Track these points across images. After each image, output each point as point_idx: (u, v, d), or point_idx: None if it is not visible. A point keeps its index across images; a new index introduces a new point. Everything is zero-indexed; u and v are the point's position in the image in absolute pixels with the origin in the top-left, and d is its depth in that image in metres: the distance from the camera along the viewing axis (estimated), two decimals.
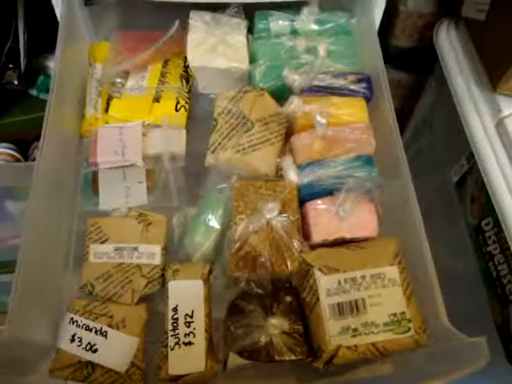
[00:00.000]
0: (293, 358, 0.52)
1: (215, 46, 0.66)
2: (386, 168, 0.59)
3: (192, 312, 0.55)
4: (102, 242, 0.60)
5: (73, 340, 0.55)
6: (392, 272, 0.53)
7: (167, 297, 0.56)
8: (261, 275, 0.54)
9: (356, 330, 0.51)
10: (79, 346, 0.55)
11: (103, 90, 0.68)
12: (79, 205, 0.65)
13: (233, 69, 0.66)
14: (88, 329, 0.56)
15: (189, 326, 0.54)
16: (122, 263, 0.59)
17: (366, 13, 0.71)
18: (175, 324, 0.54)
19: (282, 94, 0.64)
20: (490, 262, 0.72)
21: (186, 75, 0.70)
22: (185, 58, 0.69)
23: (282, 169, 0.60)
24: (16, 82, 0.80)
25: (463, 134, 0.73)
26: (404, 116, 1.03)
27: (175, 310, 0.55)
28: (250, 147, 0.59)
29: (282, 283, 0.57)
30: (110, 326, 0.56)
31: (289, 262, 0.54)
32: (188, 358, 0.53)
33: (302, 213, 0.58)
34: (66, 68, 0.65)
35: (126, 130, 0.64)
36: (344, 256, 0.55)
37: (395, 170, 0.59)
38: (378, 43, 0.67)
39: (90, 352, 0.55)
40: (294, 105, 0.59)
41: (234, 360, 0.52)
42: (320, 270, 0.54)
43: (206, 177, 0.61)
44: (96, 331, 0.55)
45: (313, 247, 0.56)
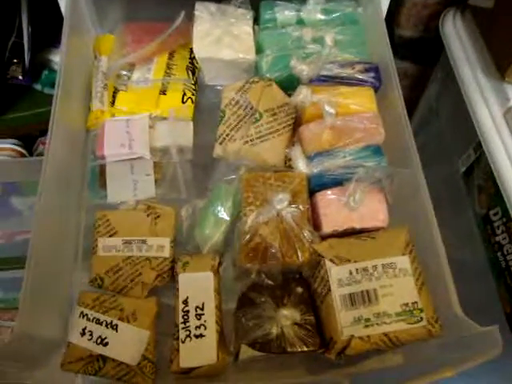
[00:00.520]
0: (305, 349, 0.51)
1: (221, 37, 0.65)
2: (395, 157, 0.59)
3: (202, 304, 0.54)
4: (111, 236, 0.59)
5: (83, 334, 0.55)
6: (403, 262, 0.53)
7: (177, 289, 0.55)
8: (271, 266, 0.54)
9: (368, 320, 0.51)
10: (90, 339, 0.55)
11: (109, 83, 0.68)
12: (87, 198, 0.65)
13: (239, 60, 0.66)
14: (98, 322, 0.55)
15: (199, 319, 0.54)
16: (131, 256, 0.58)
17: (372, 1, 0.70)
18: (186, 316, 0.54)
19: (289, 85, 0.63)
20: (498, 252, 0.71)
21: (192, 67, 0.69)
22: (191, 50, 0.69)
23: (290, 159, 0.59)
24: (20, 77, 0.80)
25: (470, 123, 0.72)
26: (409, 107, 1.02)
27: (186, 302, 0.55)
28: (258, 138, 0.59)
29: (293, 274, 0.57)
30: (120, 319, 0.56)
31: (299, 253, 0.53)
32: (199, 350, 0.53)
33: (311, 203, 0.57)
34: (71, 61, 0.64)
35: (132, 122, 0.63)
36: (355, 246, 0.54)
37: (405, 160, 0.58)
38: (386, 32, 0.66)
39: (100, 345, 0.54)
40: (303, 95, 0.59)
41: (246, 352, 0.52)
42: (331, 260, 0.53)
43: (215, 168, 0.61)
44: (106, 324, 0.55)
45: (323, 238, 0.56)
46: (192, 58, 0.69)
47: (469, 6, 0.79)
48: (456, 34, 0.79)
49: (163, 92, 0.66)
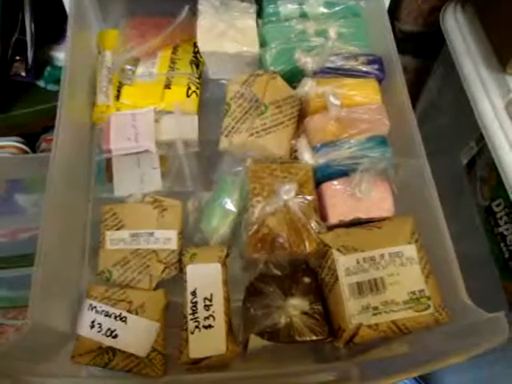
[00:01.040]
0: (314, 338, 0.52)
1: (225, 31, 0.66)
2: (400, 148, 0.59)
3: (211, 295, 0.55)
4: (118, 229, 0.60)
5: (92, 326, 0.55)
6: (410, 250, 0.53)
7: (185, 281, 0.56)
8: (279, 256, 0.54)
9: (376, 308, 0.51)
10: (99, 331, 0.55)
11: (114, 78, 0.68)
12: (94, 192, 0.65)
13: (243, 53, 0.66)
14: (107, 315, 0.56)
15: (208, 310, 0.54)
16: (138, 249, 0.59)
17: None
18: (194, 308, 0.54)
19: (293, 77, 0.64)
20: (501, 243, 0.72)
21: (196, 61, 0.69)
22: (194, 44, 0.69)
23: (296, 151, 0.60)
24: (24, 74, 0.81)
25: (472, 116, 0.73)
26: (411, 101, 1.03)
27: (194, 293, 0.55)
28: (263, 130, 0.59)
29: (300, 264, 0.57)
30: (129, 311, 0.56)
31: (307, 243, 0.54)
32: (208, 341, 0.53)
33: (317, 194, 0.58)
34: (76, 57, 0.65)
35: (138, 116, 0.63)
36: (361, 236, 0.55)
37: (410, 150, 0.59)
38: (389, 23, 0.67)
39: (110, 338, 0.55)
40: (308, 87, 0.59)
41: (255, 341, 0.52)
42: (338, 250, 0.54)
43: (220, 161, 0.61)
44: (115, 317, 0.56)
45: (329, 228, 0.56)
46: (196, 52, 0.70)
47: None
48: (457, 27, 0.80)
49: (168, 86, 0.67)
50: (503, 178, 0.66)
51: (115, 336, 0.55)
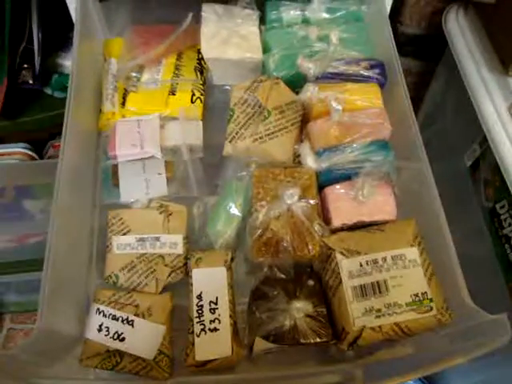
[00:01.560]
0: (318, 340, 0.52)
1: (228, 38, 0.66)
2: (402, 151, 0.60)
3: (216, 299, 0.55)
4: (125, 234, 0.61)
5: (100, 330, 0.56)
6: (412, 253, 0.54)
7: (191, 284, 0.56)
8: (283, 260, 0.55)
9: (379, 310, 0.52)
10: (107, 335, 0.56)
11: (119, 85, 0.69)
12: (100, 198, 0.66)
13: (247, 59, 0.67)
14: (114, 318, 0.57)
15: (214, 313, 0.55)
16: (144, 253, 0.60)
17: None
18: (200, 311, 0.55)
19: (296, 83, 0.64)
20: (506, 245, 0.72)
21: (200, 67, 0.70)
22: (198, 51, 0.70)
23: (299, 156, 0.60)
24: (31, 82, 0.82)
25: (475, 118, 0.73)
26: (414, 104, 1.03)
27: (200, 297, 0.56)
28: (267, 135, 0.60)
29: (304, 267, 0.58)
30: (136, 314, 0.57)
31: (310, 246, 0.55)
32: (214, 343, 0.54)
33: (321, 198, 0.59)
34: (82, 65, 0.66)
35: (143, 122, 0.64)
36: (364, 239, 0.55)
37: (412, 153, 0.59)
38: (390, 28, 0.67)
39: (117, 341, 0.55)
40: (310, 92, 0.60)
41: (260, 344, 0.53)
42: (341, 253, 0.54)
43: (225, 166, 0.62)
44: (123, 320, 0.56)
45: (333, 231, 0.57)
46: (200, 59, 0.71)
47: (471, 1, 0.80)
48: (459, 29, 0.80)
49: (172, 92, 0.67)
50: (507, 179, 0.67)
51: (122, 339, 0.56)
